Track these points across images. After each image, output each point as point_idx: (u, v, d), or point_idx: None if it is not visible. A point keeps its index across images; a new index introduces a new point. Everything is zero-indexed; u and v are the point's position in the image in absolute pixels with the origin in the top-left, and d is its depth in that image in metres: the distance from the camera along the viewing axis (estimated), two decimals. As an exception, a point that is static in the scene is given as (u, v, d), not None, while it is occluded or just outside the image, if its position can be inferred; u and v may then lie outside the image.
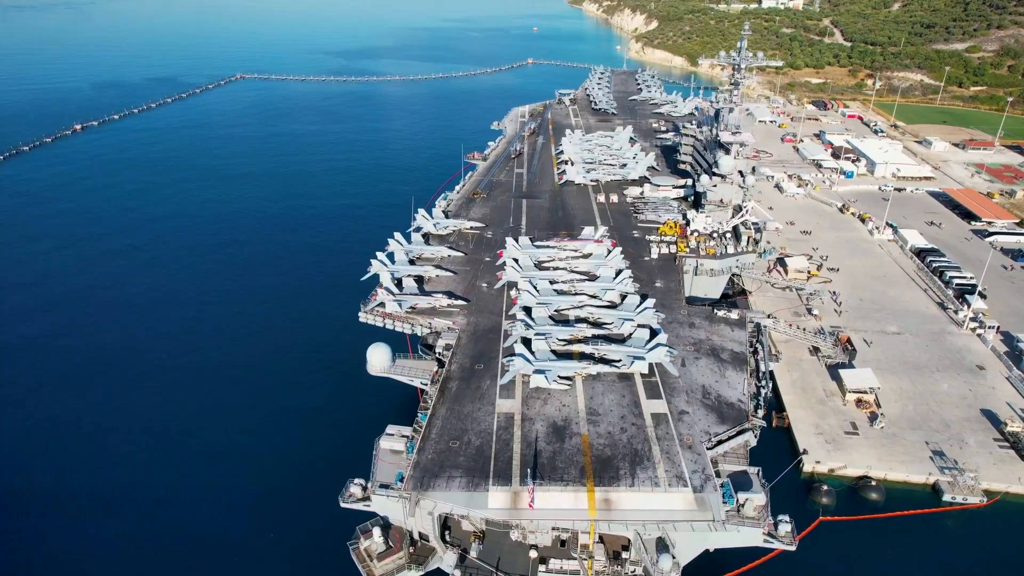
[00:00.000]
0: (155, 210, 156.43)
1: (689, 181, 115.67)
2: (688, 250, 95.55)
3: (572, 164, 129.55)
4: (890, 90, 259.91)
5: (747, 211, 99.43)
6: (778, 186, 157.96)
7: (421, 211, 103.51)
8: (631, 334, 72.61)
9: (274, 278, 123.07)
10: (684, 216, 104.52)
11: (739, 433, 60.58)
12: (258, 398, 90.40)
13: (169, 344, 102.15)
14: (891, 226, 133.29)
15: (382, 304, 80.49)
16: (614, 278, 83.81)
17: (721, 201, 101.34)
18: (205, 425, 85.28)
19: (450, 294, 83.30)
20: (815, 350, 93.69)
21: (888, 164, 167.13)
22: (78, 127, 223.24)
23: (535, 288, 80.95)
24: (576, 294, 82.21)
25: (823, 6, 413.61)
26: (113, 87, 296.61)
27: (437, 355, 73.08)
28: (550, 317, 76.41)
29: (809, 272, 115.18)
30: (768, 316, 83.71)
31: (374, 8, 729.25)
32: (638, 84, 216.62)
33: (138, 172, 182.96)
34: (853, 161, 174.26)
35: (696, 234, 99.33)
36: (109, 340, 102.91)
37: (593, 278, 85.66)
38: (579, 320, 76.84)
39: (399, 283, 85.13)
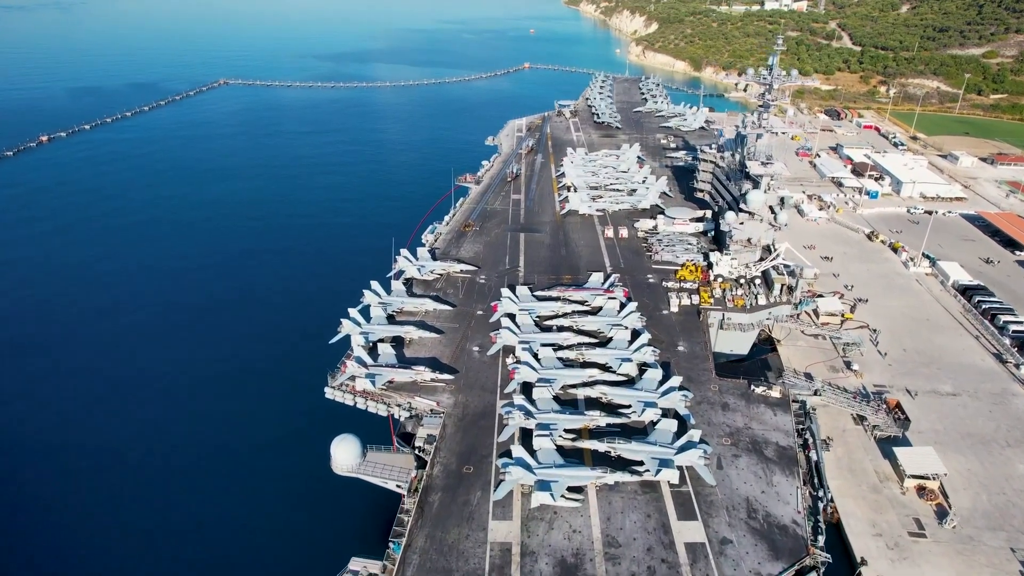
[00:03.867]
0: (98, 248, 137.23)
1: (708, 213, 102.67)
2: (712, 300, 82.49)
3: (575, 190, 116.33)
4: (905, 98, 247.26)
5: (780, 254, 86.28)
6: (798, 208, 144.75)
7: (403, 252, 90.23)
8: (654, 423, 59.44)
9: (229, 338, 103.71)
10: (705, 256, 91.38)
11: (798, 574, 47.44)
12: (190, 507, 71.28)
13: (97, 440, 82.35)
14: (928, 257, 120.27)
15: (353, 378, 67.13)
16: (630, 343, 70.70)
17: (749, 241, 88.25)
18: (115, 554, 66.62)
19: (434, 363, 70.02)
20: (860, 418, 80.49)
21: (915, 183, 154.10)
22: (44, 138, 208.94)
23: (535, 358, 67.77)
24: (584, 363, 69.07)
25: (828, 8, 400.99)
26: (89, 93, 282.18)
27: (417, 450, 59.74)
28: (554, 398, 63.24)
29: (843, 316, 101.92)
30: (815, 392, 70.61)
31: (367, 9, 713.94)
32: (642, 93, 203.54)
33: (97, 195, 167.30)
34: (876, 179, 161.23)
35: (721, 280, 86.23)
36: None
37: (604, 341, 72.59)
38: (589, 402, 63.71)
39: (374, 348, 71.85)
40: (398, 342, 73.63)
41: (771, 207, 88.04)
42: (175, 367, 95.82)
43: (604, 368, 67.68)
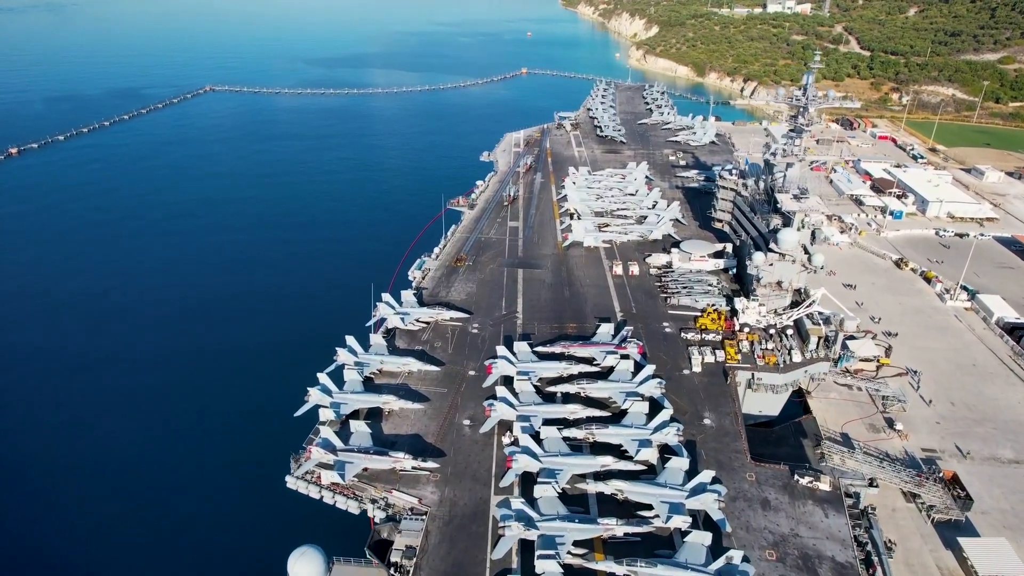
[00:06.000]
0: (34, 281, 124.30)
1: (729, 247, 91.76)
2: (739, 357, 71.61)
3: (578, 217, 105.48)
4: (919, 106, 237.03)
5: (815, 300, 75.34)
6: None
7: (385, 297, 79.19)
8: (684, 533, 48.54)
9: (177, 404, 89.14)
10: (728, 300, 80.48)
11: None
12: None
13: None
14: (965, 289, 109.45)
15: (321, 464, 56.15)
16: (648, 417, 59.76)
17: (779, 284, 77.42)
18: None
19: (417, 443, 59.07)
20: (913, 495, 69.61)
21: (942, 202, 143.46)
22: (14, 151, 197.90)
23: (537, 441, 56.81)
24: (594, 445, 58.17)
25: (832, 11, 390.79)
26: (67, 100, 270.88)
27: (393, 567, 48.72)
28: (559, 495, 52.28)
29: (878, 360, 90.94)
30: (870, 483, 59.69)
31: (360, 11, 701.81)
32: (647, 103, 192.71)
33: (54, 215, 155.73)
34: (899, 197, 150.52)
35: (748, 330, 75.38)
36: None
37: (617, 414, 61.66)
38: (602, 498, 52.79)
39: (346, 423, 60.85)
40: (375, 415, 62.69)
41: (803, 246, 77.22)
42: (112, 439, 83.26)
43: (619, 452, 56.77)
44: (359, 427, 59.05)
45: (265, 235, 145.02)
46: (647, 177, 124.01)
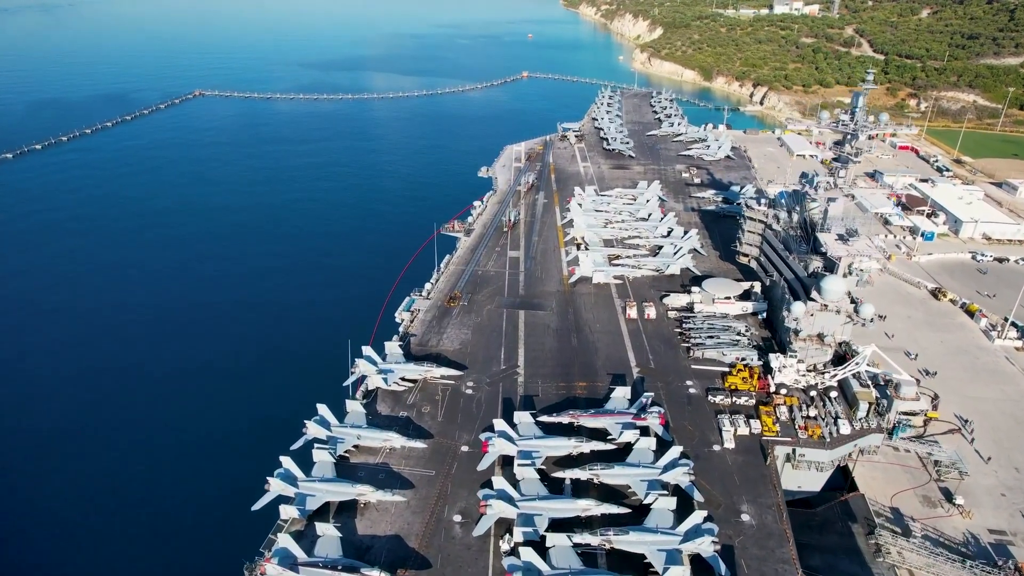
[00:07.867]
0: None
1: (757, 286, 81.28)
2: (778, 428, 61.12)
3: (585, 247, 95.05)
4: (939, 113, 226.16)
5: (866, 358, 64.84)
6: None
7: (366, 351, 68.79)
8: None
9: (119, 493, 76.54)
10: (759, 351, 69.96)
11: None
12: None
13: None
14: (1015, 326, 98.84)
15: (275, 582, 45.84)
16: (676, 520, 49.31)
17: (820, 337, 66.95)
18: None
19: (397, 547, 48.71)
20: (983, 591, 59.24)
21: (977, 222, 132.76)
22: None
23: (542, 551, 46.41)
24: (611, 552, 47.83)
25: (842, 12, 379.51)
26: (51, 106, 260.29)
27: None
28: (572, 632, 41.99)
29: (926, 415, 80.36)
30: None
31: (362, 13, 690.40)
32: (655, 111, 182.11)
33: (26, 235, 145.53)
34: (928, 216, 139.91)
35: (785, 393, 64.91)
36: None
37: (638, 509, 51.24)
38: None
39: (312, 521, 50.47)
40: (347, 510, 52.28)
41: (850, 294, 66.73)
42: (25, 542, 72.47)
43: (642, 565, 46.38)
44: (327, 530, 48.59)
45: (237, 265, 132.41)
46: (660, 198, 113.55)
